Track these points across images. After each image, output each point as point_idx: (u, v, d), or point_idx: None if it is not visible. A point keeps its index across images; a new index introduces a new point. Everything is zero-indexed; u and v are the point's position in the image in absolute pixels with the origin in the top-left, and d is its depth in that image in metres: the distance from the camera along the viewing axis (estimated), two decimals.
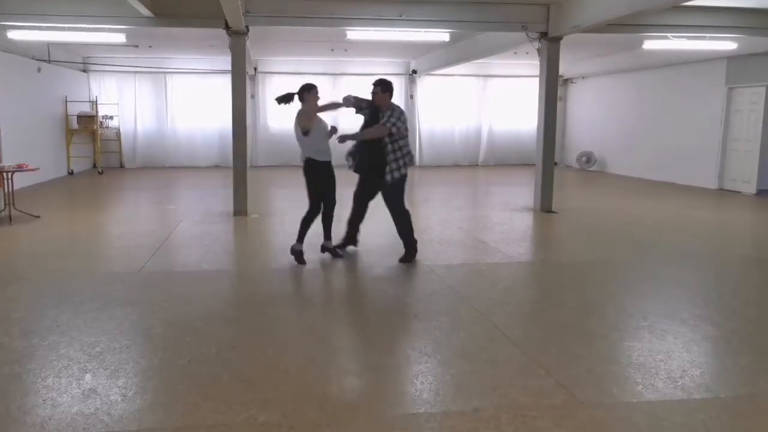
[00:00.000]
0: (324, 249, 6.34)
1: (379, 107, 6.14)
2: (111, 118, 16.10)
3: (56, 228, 8.10)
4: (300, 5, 8.73)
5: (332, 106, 6.36)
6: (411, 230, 6.27)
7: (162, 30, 10.38)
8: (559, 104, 15.94)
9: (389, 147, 6.00)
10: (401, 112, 6.07)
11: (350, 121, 7.43)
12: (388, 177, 6.02)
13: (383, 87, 6.15)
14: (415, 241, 6.31)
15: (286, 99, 6.04)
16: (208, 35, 10.87)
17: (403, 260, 6.21)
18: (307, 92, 5.97)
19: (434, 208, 10.10)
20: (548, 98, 9.59)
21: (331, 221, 6.24)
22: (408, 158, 6.09)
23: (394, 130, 5.95)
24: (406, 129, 6.08)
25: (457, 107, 17.87)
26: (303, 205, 6.24)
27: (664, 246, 7.40)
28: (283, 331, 4.31)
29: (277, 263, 6.34)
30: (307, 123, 5.93)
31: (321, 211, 6.18)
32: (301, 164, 6.15)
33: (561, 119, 17.11)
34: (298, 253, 6.14)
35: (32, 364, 3.59)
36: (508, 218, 9.06)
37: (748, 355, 3.91)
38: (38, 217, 8.52)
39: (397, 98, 17.35)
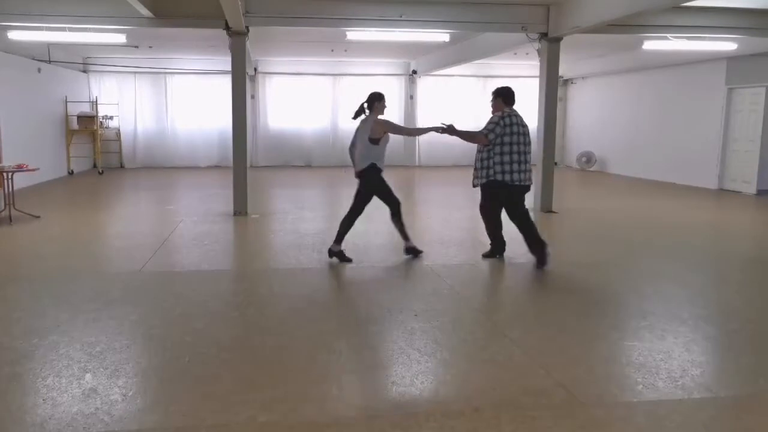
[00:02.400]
0: (408, 250, 6.41)
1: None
2: (111, 118, 16.12)
3: (56, 228, 8.10)
4: (300, 5, 8.74)
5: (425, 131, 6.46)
6: (491, 229, 6.36)
7: (162, 30, 10.39)
8: (559, 104, 15.89)
9: (479, 155, 6.04)
10: (501, 117, 5.95)
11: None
12: (475, 182, 6.13)
13: (496, 93, 6.18)
14: (502, 240, 6.43)
15: (359, 113, 6.12)
16: (208, 35, 10.87)
17: (486, 255, 6.48)
18: (378, 101, 6.03)
19: (434, 208, 10.10)
20: (548, 98, 9.60)
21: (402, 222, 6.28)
22: (512, 166, 5.92)
23: (491, 137, 5.92)
24: (510, 135, 5.90)
25: (457, 107, 17.88)
26: (302, 205, 6.22)
27: (664, 246, 7.40)
28: (282, 331, 4.31)
29: (277, 263, 6.34)
30: (381, 132, 5.96)
31: (391, 214, 6.23)
32: (358, 172, 6.07)
33: (561, 119, 17.10)
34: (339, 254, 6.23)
35: (32, 364, 3.59)
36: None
37: (748, 355, 3.91)
38: (38, 217, 8.52)
39: (397, 98, 17.53)
